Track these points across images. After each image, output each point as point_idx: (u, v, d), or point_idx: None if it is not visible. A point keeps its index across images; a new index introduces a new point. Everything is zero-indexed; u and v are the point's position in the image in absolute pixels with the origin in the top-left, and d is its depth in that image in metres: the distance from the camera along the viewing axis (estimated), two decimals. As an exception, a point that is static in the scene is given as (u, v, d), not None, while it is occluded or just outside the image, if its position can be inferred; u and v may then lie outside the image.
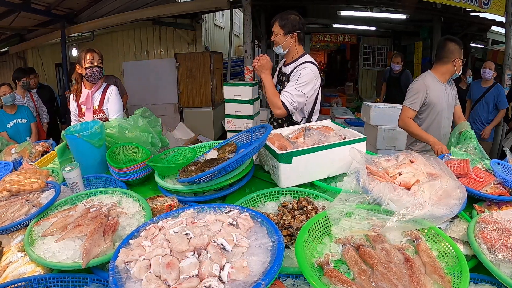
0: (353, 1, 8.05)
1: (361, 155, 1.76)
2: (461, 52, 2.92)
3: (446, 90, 3.03)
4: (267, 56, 2.66)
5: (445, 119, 3.08)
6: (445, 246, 1.26)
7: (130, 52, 9.20)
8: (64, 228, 1.49)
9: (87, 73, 2.94)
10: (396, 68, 6.70)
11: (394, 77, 6.81)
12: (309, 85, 2.59)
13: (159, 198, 1.78)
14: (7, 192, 1.85)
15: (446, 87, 3.04)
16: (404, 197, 1.45)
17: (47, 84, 6.64)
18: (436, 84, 3.01)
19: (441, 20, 8.08)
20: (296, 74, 2.60)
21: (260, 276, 1.03)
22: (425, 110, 3.05)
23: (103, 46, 8.81)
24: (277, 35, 2.68)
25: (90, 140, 2.29)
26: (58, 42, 8.15)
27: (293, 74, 2.63)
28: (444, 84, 3.03)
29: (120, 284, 1.07)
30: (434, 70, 3.06)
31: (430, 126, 3.07)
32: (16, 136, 4.25)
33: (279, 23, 2.65)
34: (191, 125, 7.99)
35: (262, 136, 1.85)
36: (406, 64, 7.16)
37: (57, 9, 7.24)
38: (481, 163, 2.04)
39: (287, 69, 2.75)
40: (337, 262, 1.22)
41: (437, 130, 3.07)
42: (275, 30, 2.69)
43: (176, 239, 1.15)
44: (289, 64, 2.77)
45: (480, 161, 2.07)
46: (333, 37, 11.65)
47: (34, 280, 1.27)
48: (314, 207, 1.60)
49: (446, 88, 3.04)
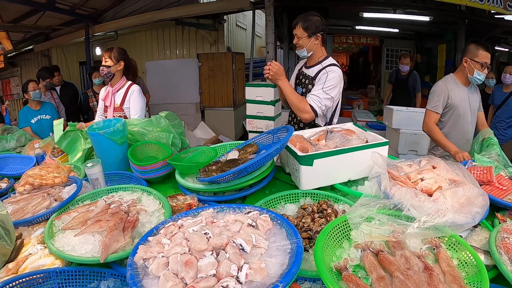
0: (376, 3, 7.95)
1: (383, 159, 1.73)
2: (475, 53, 2.78)
3: (469, 93, 2.95)
4: (277, 62, 2.58)
5: (468, 124, 3.00)
6: (466, 255, 1.22)
7: (153, 52, 9.32)
8: (84, 222, 1.51)
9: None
10: (404, 70, 6.40)
11: (402, 78, 6.51)
12: (335, 88, 2.54)
13: (179, 196, 1.79)
14: (29, 186, 1.89)
15: (469, 91, 2.96)
16: (425, 203, 1.41)
17: (71, 82, 6.79)
18: (458, 87, 2.94)
19: (465, 23, 7.90)
20: (323, 77, 2.54)
21: (278, 278, 1.01)
22: (447, 113, 2.99)
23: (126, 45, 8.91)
24: (300, 37, 2.60)
25: (112, 137, 2.32)
26: (82, 41, 8.32)
27: (319, 77, 2.57)
28: (467, 87, 2.95)
29: (138, 280, 1.08)
30: (456, 73, 3.00)
31: (453, 130, 3.01)
32: (39, 132, 4.34)
33: (302, 25, 2.57)
34: (212, 125, 8.04)
35: (284, 138, 1.84)
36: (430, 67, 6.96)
37: (81, 8, 7.39)
38: (505, 171, 1.98)
39: (311, 71, 2.69)
40: (356, 267, 1.20)
41: (460, 135, 3.01)
42: (297, 32, 2.61)
43: (195, 238, 1.14)
44: (312, 66, 2.70)
45: (504, 169, 2.01)
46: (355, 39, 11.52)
47: (52, 272, 1.28)
48: (334, 210, 1.58)
49: (469, 92, 2.95)
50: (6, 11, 6.46)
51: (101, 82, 5.44)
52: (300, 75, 2.85)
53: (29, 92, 4.30)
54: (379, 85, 12.30)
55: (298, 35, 2.60)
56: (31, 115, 4.41)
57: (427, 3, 7.14)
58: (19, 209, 1.73)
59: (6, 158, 2.70)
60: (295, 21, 2.62)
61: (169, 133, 2.52)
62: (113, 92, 3.14)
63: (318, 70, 2.61)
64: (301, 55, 2.70)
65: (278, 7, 6.91)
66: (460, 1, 5.24)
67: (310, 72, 2.68)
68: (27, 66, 11.03)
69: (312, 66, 2.70)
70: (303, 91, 2.72)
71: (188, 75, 8.09)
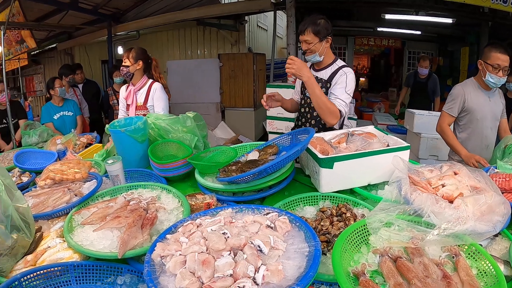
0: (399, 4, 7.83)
1: (404, 164, 1.70)
2: (488, 55, 2.70)
3: (491, 98, 2.86)
4: (297, 58, 2.40)
5: (488, 129, 2.91)
6: (485, 264, 1.19)
7: (174, 52, 9.41)
8: (104, 218, 1.52)
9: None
10: (423, 73, 6.18)
11: (421, 82, 6.26)
12: (353, 89, 2.50)
13: (198, 195, 1.79)
14: (50, 180, 1.92)
15: (490, 95, 2.87)
16: (446, 210, 1.38)
17: (93, 80, 6.91)
18: (477, 91, 2.87)
19: (488, 25, 7.71)
20: (341, 78, 2.47)
21: (295, 281, 1.01)
22: (465, 117, 2.93)
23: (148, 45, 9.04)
24: (311, 43, 2.48)
25: (133, 135, 2.35)
26: (105, 40, 8.46)
27: (336, 79, 2.51)
28: (488, 91, 2.86)
29: (155, 277, 1.08)
30: (476, 77, 2.93)
31: (471, 134, 2.95)
32: (61, 128, 4.42)
33: (313, 30, 2.46)
34: (232, 125, 8.05)
35: (304, 140, 1.83)
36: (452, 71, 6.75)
37: (104, 8, 7.52)
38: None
39: (322, 74, 2.62)
40: (373, 273, 1.18)
41: (478, 140, 2.94)
42: (308, 38, 2.48)
43: (213, 238, 1.14)
44: (322, 69, 2.63)
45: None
46: (377, 40, 11.38)
47: (70, 265, 1.31)
48: (353, 214, 1.56)
49: (490, 97, 2.87)
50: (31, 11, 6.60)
51: (121, 81, 5.51)
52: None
53: (56, 88, 4.39)
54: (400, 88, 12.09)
55: (309, 41, 2.49)
56: (54, 111, 4.49)
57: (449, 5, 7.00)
58: (40, 202, 1.77)
59: (28, 153, 2.76)
60: (303, 27, 2.51)
61: (194, 135, 2.53)
62: (134, 91, 3.20)
63: (332, 72, 2.55)
64: (313, 60, 2.60)
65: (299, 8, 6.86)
66: (483, 3, 5.12)
67: (322, 75, 2.61)
68: (50, 64, 11.28)
69: (322, 69, 2.63)
70: None
71: (209, 75, 8.13)
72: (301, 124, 2.81)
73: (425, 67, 6.15)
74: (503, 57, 2.64)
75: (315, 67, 2.69)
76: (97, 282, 1.33)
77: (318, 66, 2.66)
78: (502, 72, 2.66)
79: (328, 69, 2.60)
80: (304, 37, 2.51)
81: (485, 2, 5.05)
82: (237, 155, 2.22)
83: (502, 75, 2.67)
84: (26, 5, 6.24)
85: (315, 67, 2.69)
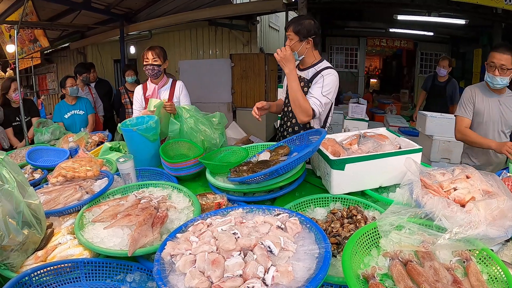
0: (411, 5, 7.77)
1: (416, 166, 1.68)
2: (491, 55, 2.67)
3: (501, 101, 2.82)
4: (289, 49, 2.46)
5: (494, 132, 2.87)
6: (496, 270, 1.16)
7: (186, 51, 9.43)
8: (114, 216, 1.53)
9: (145, 70, 3.17)
10: (442, 73, 5.69)
11: (439, 85, 5.81)
12: (333, 91, 2.49)
13: (209, 195, 1.79)
14: (62, 178, 1.94)
15: (502, 99, 2.82)
16: (458, 214, 1.36)
17: (105, 79, 6.97)
18: (486, 93, 2.84)
19: (501, 26, 7.59)
20: (320, 80, 2.48)
21: (304, 283, 1.00)
22: (474, 119, 2.91)
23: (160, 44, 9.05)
24: (292, 40, 2.52)
25: (145, 134, 2.36)
26: (117, 39, 8.54)
27: (316, 79, 2.51)
28: (499, 95, 2.82)
29: (164, 275, 1.09)
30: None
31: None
32: (71, 127, 4.43)
33: (294, 29, 2.49)
34: (244, 125, 8.06)
35: (316, 141, 1.82)
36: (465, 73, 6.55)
37: (116, 8, 7.59)
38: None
39: (305, 74, 2.61)
40: (383, 276, 1.17)
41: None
42: (290, 35, 2.53)
43: (224, 238, 1.14)
44: (306, 69, 2.63)
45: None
46: (389, 41, 11.29)
47: (80, 262, 1.31)
48: (363, 216, 1.55)
49: (501, 99, 2.82)
50: (44, 10, 6.70)
51: (133, 80, 5.54)
52: None
53: (67, 87, 4.43)
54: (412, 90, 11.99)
55: (290, 37, 2.53)
56: (66, 110, 4.52)
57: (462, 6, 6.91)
58: (51, 199, 1.79)
59: (41, 150, 2.80)
60: (287, 24, 2.57)
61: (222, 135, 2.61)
62: (158, 89, 3.24)
63: (314, 73, 2.55)
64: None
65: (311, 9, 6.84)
66: (496, 4, 5.05)
67: (305, 74, 2.61)
68: (63, 63, 11.41)
69: (306, 68, 2.63)
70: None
71: (221, 75, 8.15)
72: (283, 123, 2.83)
73: (443, 67, 5.70)
74: (498, 56, 2.61)
75: (300, 66, 2.70)
76: (107, 279, 1.34)
77: (302, 66, 2.67)
78: (499, 70, 2.62)
79: (312, 69, 2.59)
80: (287, 33, 2.57)
81: (498, 3, 4.98)
82: (248, 155, 2.22)
83: (498, 74, 2.63)
84: (39, 5, 6.33)
85: (300, 66, 2.70)
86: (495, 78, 2.65)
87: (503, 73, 2.62)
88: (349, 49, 11.85)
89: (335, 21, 10.11)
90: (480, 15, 7.12)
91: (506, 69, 2.60)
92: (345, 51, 12.03)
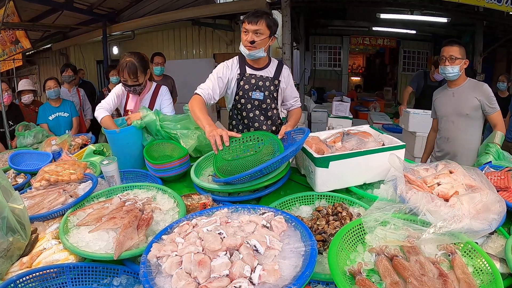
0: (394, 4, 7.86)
1: (399, 162, 1.70)
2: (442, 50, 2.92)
3: (455, 94, 2.97)
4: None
5: (449, 122, 3.07)
6: (481, 262, 1.19)
7: (169, 52, 9.38)
8: (99, 219, 1.52)
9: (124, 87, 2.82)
10: (438, 78, 5.19)
11: (433, 86, 4.88)
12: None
13: (194, 196, 1.79)
14: (45, 182, 1.92)
15: (456, 92, 2.97)
16: (442, 208, 1.38)
17: (88, 81, 6.90)
18: (444, 90, 3.10)
19: (483, 24, 7.76)
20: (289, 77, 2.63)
21: (291, 281, 1.01)
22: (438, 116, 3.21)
23: (143, 45, 9.05)
24: (262, 34, 2.34)
25: (128, 136, 2.33)
26: (100, 40, 8.45)
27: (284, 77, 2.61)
28: (453, 88, 2.99)
29: (151, 278, 1.08)
30: None
31: (438, 134, 3.22)
32: (56, 129, 4.38)
33: (267, 23, 2.31)
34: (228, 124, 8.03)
35: (300, 140, 1.83)
36: None
37: (99, 8, 7.53)
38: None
39: (267, 72, 2.56)
40: (370, 271, 1.18)
41: (444, 138, 3.14)
42: (260, 28, 2.32)
43: (209, 238, 1.14)
44: (264, 67, 2.58)
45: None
46: (372, 40, 11.45)
47: (66, 267, 1.30)
48: (349, 213, 1.56)
49: (456, 92, 2.97)
50: (26, 11, 6.59)
51: (117, 80, 5.47)
52: (250, 79, 2.57)
53: (46, 90, 4.39)
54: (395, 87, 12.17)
55: (261, 31, 2.33)
56: (50, 112, 4.47)
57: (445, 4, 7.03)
58: (35, 204, 1.76)
59: (23, 154, 2.75)
60: (255, 15, 2.33)
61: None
62: (140, 99, 2.91)
63: (276, 69, 2.57)
64: (256, 55, 2.45)
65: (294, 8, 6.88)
66: (478, 2, 5.13)
67: (267, 73, 2.56)
68: (45, 64, 11.27)
69: (264, 67, 2.58)
70: (265, 94, 2.58)
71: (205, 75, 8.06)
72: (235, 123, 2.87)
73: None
74: (447, 49, 2.85)
75: (255, 66, 2.58)
76: (93, 283, 1.32)
77: (258, 65, 2.57)
78: (448, 61, 2.83)
79: (270, 66, 2.59)
80: (254, 26, 2.33)
81: (479, 1, 5.05)
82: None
83: (448, 64, 2.83)
84: (21, 5, 6.22)
85: (255, 66, 2.58)
86: (446, 68, 2.85)
87: (452, 62, 2.82)
88: (333, 47, 11.97)
89: (318, 20, 10.19)
90: (462, 14, 7.26)
91: (455, 58, 2.80)
92: (328, 50, 12.15)
